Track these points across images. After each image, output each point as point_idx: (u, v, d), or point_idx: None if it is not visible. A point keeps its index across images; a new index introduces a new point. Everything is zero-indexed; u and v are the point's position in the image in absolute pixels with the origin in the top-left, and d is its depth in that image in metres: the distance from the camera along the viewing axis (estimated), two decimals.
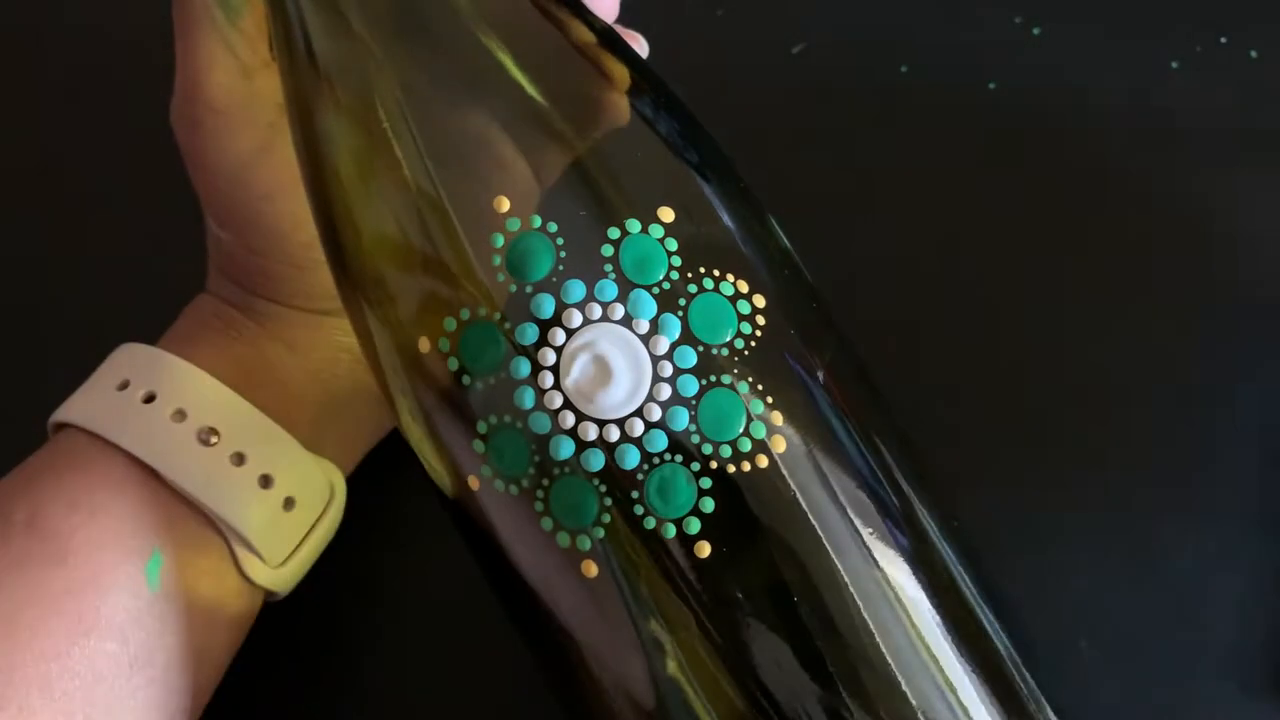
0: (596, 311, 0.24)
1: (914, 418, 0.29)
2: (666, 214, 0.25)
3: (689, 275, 0.24)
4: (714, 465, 0.23)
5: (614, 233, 0.24)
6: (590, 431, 0.24)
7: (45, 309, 0.43)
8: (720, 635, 0.24)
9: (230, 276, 0.34)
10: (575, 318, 0.24)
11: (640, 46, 0.33)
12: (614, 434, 0.24)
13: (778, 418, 0.24)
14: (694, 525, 0.23)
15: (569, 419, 0.24)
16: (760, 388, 0.24)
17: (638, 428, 0.24)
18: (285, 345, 0.34)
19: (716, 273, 0.25)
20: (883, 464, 0.25)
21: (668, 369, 0.24)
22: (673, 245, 0.25)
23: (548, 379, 0.24)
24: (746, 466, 0.24)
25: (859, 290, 0.39)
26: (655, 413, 0.24)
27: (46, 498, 0.30)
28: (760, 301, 0.25)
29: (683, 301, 0.24)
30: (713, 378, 0.24)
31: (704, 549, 0.23)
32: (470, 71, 0.26)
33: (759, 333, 0.24)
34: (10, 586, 0.29)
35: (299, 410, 0.33)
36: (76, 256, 0.44)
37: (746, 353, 0.24)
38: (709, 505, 0.23)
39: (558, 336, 0.24)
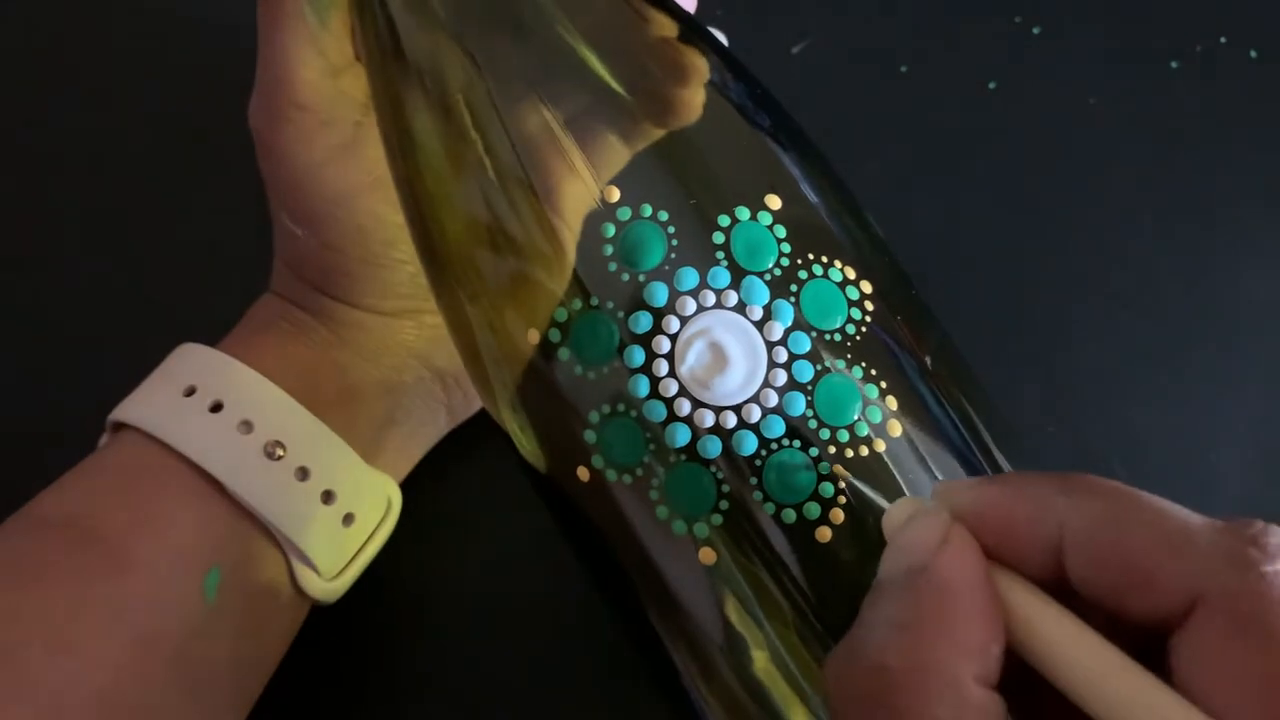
0: (710, 299, 0.24)
1: None
2: (774, 201, 0.25)
3: (799, 261, 0.25)
4: (832, 450, 0.24)
5: (724, 220, 0.25)
6: (706, 419, 0.24)
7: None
8: (840, 619, 0.24)
9: (301, 275, 0.33)
10: (689, 305, 0.24)
11: (720, 39, 0.34)
12: (731, 420, 0.24)
13: (892, 402, 0.24)
14: (814, 510, 0.23)
15: (684, 406, 0.24)
16: (874, 373, 0.24)
17: (754, 414, 0.24)
18: (355, 351, 0.33)
19: (825, 259, 0.25)
20: (985, 449, 0.26)
21: (783, 355, 0.24)
22: (781, 232, 0.25)
23: (662, 367, 0.24)
24: (864, 451, 0.24)
25: None
26: (772, 399, 0.24)
27: (109, 506, 0.29)
28: (867, 288, 0.25)
29: (794, 288, 0.24)
30: (827, 363, 0.24)
31: (825, 534, 0.23)
32: (564, 62, 0.26)
33: (869, 318, 0.25)
34: (70, 598, 0.28)
35: (363, 419, 0.33)
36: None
37: (858, 338, 0.24)
38: (828, 490, 0.24)
39: (671, 324, 0.24)
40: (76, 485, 0.30)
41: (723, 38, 0.34)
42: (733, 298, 0.24)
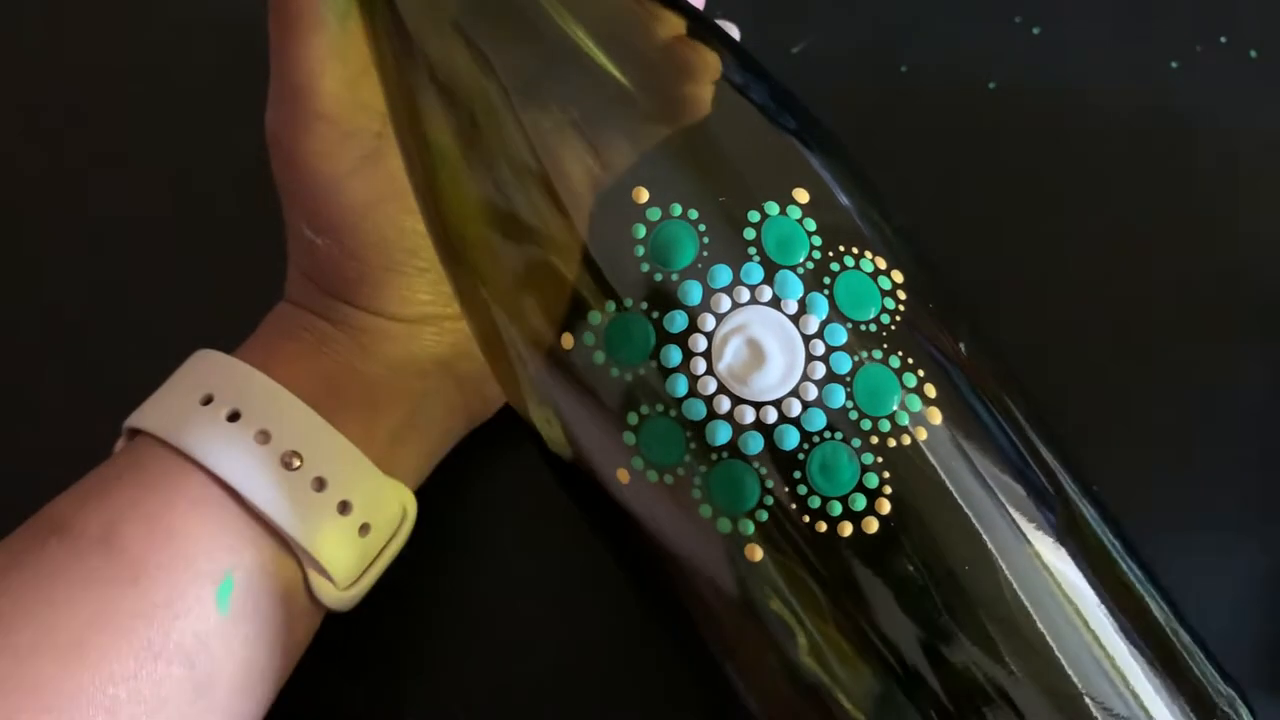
0: (744, 295, 0.24)
1: None
2: (801, 195, 0.25)
3: (830, 254, 0.25)
4: (874, 440, 0.24)
5: (754, 216, 0.25)
6: (747, 415, 0.24)
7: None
8: (886, 611, 0.24)
9: (320, 284, 0.33)
10: (724, 302, 0.24)
11: (732, 33, 0.34)
12: (771, 415, 0.24)
13: (930, 390, 0.24)
14: (859, 501, 0.23)
15: (724, 404, 0.24)
16: (911, 361, 0.24)
17: (795, 408, 0.24)
18: (376, 359, 0.33)
19: (855, 250, 0.25)
20: (1022, 434, 0.26)
21: (820, 348, 0.24)
22: (811, 225, 0.25)
23: (700, 365, 0.24)
24: (906, 440, 0.24)
25: None
26: (811, 392, 0.24)
27: (122, 514, 0.29)
28: (899, 278, 0.25)
29: (827, 280, 0.24)
30: (864, 354, 0.24)
31: (871, 524, 0.23)
32: (570, 59, 0.26)
33: (902, 308, 0.25)
34: (80, 605, 0.28)
35: (381, 427, 0.33)
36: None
37: (893, 328, 0.24)
38: (872, 481, 0.23)
39: (707, 322, 0.24)
40: (91, 491, 0.30)
41: (735, 31, 0.34)
42: (767, 293, 0.24)
